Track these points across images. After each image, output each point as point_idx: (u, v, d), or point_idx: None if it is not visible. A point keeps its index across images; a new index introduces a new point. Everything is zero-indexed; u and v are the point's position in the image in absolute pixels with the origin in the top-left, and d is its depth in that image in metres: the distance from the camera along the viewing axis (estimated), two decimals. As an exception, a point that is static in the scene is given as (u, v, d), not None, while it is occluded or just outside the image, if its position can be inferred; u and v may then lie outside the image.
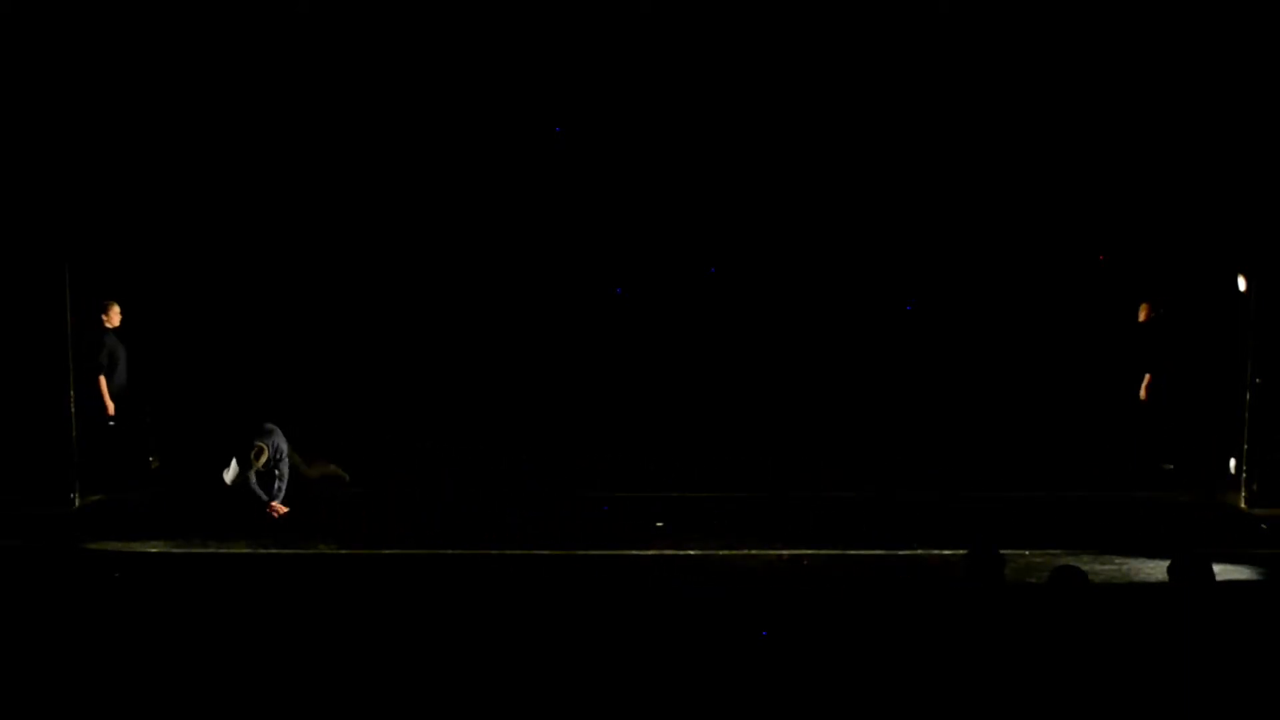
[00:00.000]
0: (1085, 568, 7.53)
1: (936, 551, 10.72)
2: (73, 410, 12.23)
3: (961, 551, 8.57)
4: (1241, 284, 12.44)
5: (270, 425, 12.15)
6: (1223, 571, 7.59)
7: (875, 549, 10.92)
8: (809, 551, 10.80)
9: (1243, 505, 12.26)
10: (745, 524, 11.69)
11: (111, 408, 12.71)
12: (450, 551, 10.87)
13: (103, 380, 12.64)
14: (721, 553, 10.82)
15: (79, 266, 12.35)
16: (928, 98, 12.98)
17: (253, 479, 11.90)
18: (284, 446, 12.09)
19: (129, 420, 13.10)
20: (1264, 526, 11.69)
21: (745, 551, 10.86)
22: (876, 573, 10.33)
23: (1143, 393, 13.14)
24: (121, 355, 12.84)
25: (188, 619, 8.64)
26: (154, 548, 11.00)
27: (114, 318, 12.81)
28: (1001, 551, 7.57)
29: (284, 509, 11.99)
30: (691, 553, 10.84)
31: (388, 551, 10.88)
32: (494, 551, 10.83)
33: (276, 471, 12.02)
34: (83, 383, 12.39)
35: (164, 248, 13.24)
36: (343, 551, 10.90)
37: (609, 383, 13.67)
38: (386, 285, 13.55)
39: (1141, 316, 13.23)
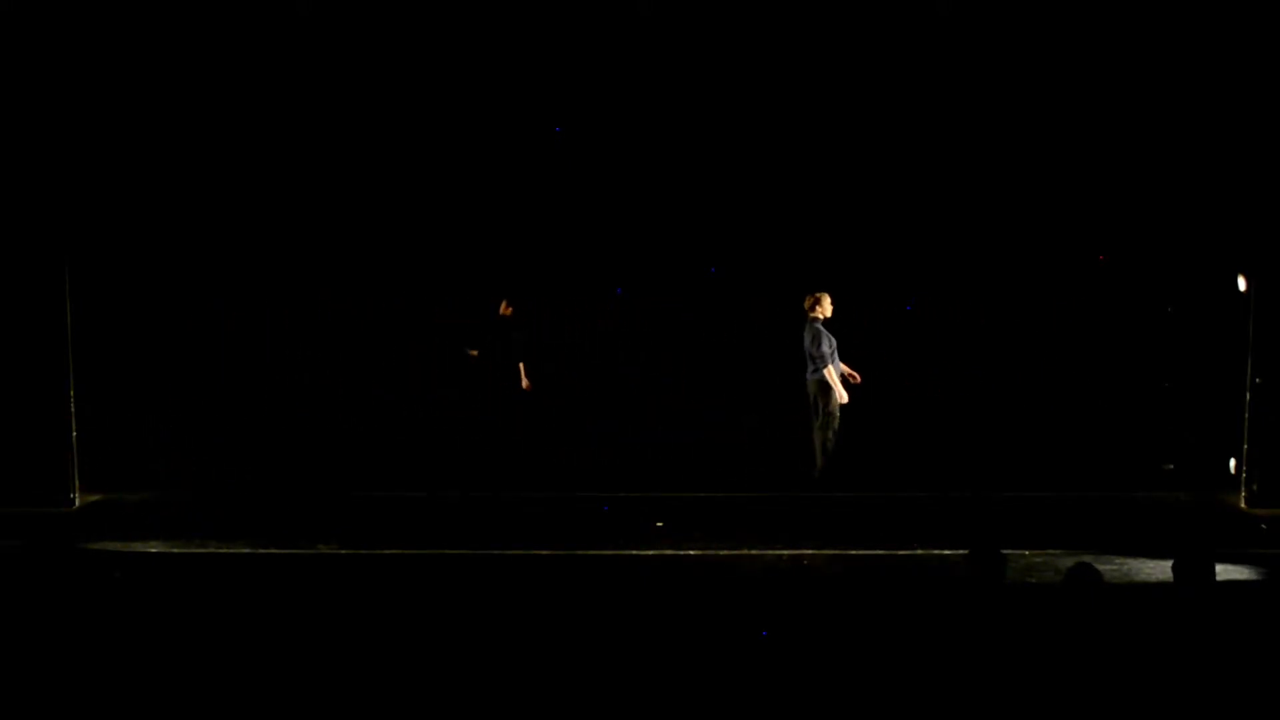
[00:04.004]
0: (1085, 568, 7.52)
1: (936, 551, 10.72)
2: (72, 409, 12.23)
3: (961, 551, 8.57)
4: (1241, 284, 12.44)
5: None
6: (1223, 571, 7.57)
7: (875, 549, 10.92)
8: (809, 551, 10.80)
9: (1243, 505, 12.26)
10: (745, 524, 11.69)
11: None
12: (450, 551, 10.86)
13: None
14: (721, 553, 10.82)
15: (78, 263, 12.36)
16: (928, 97, 12.98)
17: None
18: None
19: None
20: (1264, 526, 11.69)
21: (745, 551, 10.86)
22: (876, 573, 10.33)
23: (524, 382, 13.38)
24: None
25: (188, 619, 8.63)
26: (154, 548, 11.00)
27: (826, 308, 12.83)
28: (1002, 551, 7.57)
29: None
30: (691, 553, 10.84)
31: (388, 551, 10.88)
32: (494, 551, 10.83)
33: None
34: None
35: (164, 244, 13.23)
36: (343, 551, 10.90)
37: (609, 382, 13.68)
38: (387, 283, 13.55)
39: (502, 310, 13.34)
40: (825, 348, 12.77)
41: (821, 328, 12.82)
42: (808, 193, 13.34)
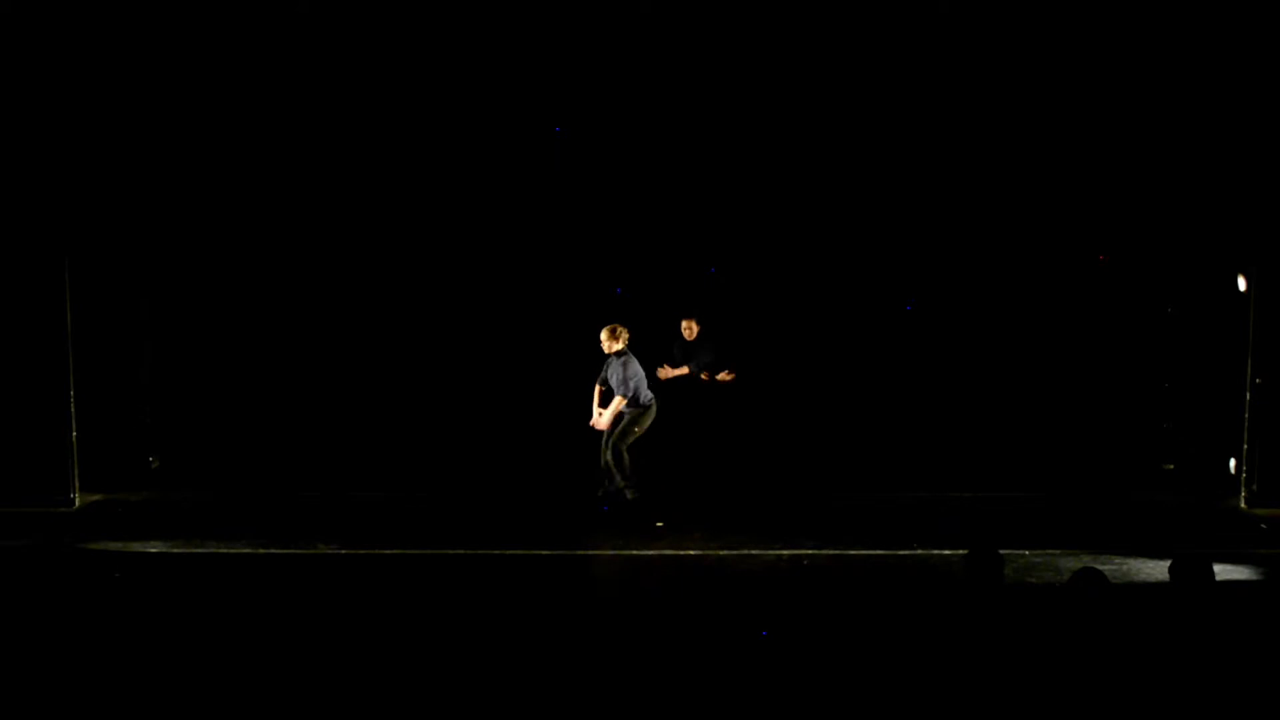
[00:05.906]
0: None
1: (936, 551, 10.73)
2: (72, 409, 12.24)
3: (961, 551, 8.57)
4: (1241, 284, 12.44)
5: None
6: (1223, 571, 7.59)
7: (875, 549, 10.92)
8: (809, 551, 10.81)
9: (1243, 505, 12.27)
10: (745, 524, 11.69)
11: None
12: (450, 551, 10.87)
13: None
14: (721, 553, 10.82)
15: (78, 263, 12.36)
16: (928, 97, 12.98)
17: None
18: None
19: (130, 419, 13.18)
20: (1264, 526, 11.70)
21: (745, 551, 10.86)
22: (876, 573, 10.33)
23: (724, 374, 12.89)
24: None
25: (188, 619, 8.64)
26: (154, 548, 11.00)
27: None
28: (1001, 551, 7.57)
29: None
30: (691, 553, 10.84)
31: (388, 551, 10.88)
32: (494, 551, 10.83)
33: None
34: None
35: (164, 244, 13.24)
36: (343, 551, 10.90)
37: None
38: (386, 284, 13.56)
39: (686, 334, 12.94)
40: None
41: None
42: (808, 193, 13.35)
